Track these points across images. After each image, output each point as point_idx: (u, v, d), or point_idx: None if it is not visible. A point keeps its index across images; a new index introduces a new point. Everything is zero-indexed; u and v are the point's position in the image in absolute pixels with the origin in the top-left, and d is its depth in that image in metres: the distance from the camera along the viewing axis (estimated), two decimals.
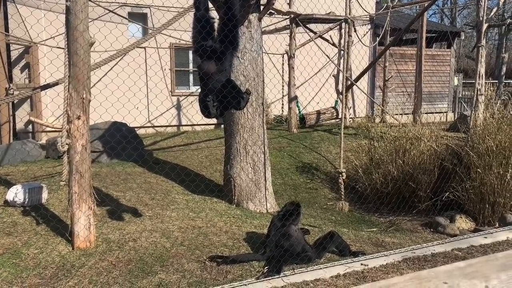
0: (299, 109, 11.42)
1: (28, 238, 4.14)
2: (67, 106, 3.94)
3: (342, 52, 10.92)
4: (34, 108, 9.96)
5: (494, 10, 8.76)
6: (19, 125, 9.96)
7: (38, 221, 4.52)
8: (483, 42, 7.65)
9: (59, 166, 6.79)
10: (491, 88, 7.21)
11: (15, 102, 9.65)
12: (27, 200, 4.83)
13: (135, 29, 11.11)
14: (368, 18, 13.54)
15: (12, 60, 9.79)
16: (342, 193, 6.70)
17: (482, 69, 7.53)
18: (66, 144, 3.95)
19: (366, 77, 13.10)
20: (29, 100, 9.92)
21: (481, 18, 7.44)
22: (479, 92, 7.33)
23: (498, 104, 6.59)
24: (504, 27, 24.36)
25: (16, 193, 4.80)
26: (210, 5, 4.38)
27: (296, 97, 10.72)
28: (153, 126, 11.24)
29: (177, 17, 5.23)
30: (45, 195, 5.03)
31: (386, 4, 12.77)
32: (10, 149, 7.70)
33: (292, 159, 8.52)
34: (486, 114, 6.76)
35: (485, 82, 7.59)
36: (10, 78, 9.50)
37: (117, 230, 4.42)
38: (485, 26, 7.45)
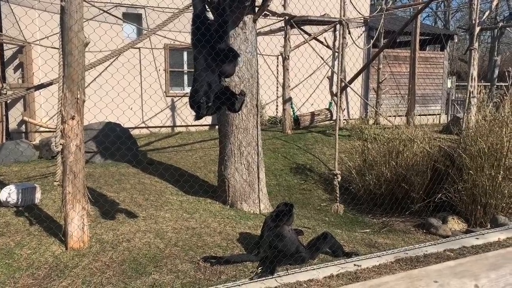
0: (293, 111, 11.45)
1: (21, 239, 4.12)
2: (61, 106, 3.93)
3: (336, 54, 10.98)
4: (28, 108, 9.91)
5: (487, 13, 8.86)
6: (12, 125, 9.91)
7: (32, 221, 4.50)
8: (476, 45, 7.74)
9: (52, 167, 6.77)
10: (484, 91, 7.28)
11: (8, 102, 9.60)
12: (20, 200, 4.81)
13: (130, 30, 11.10)
14: (362, 21, 13.62)
15: (5, 59, 9.74)
16: (338, 195, 6.67)
17: (474, 71, 7.61)
18: (60, 144, 3.94)
19: (360, 79, 13.17)
20: (22, 100, 9.87)
21: (473, 21, 7.53)
22: (471, 95, 7.41)
23: (490, 106, 6.65)
24: (496, 30, 24.61)
25: (9, 193, 4.78)
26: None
27: (290, 99, 10.76)
28: (147, 127, 11.23)
29: (172, 18, 5.23)
30: (38, 195, 5.02)
31: (380, 7, 12.85)
32: (3, 149, 7.66)
33: (286, 160, 8.54)
34: (478, 116, 6.81)
35: (478, 85, 7.67)
36: (3, 78, 9.45)
37: (110, 231, 4.42)
38: (477, 29, 7.54)
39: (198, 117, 3.90)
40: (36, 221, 4.50)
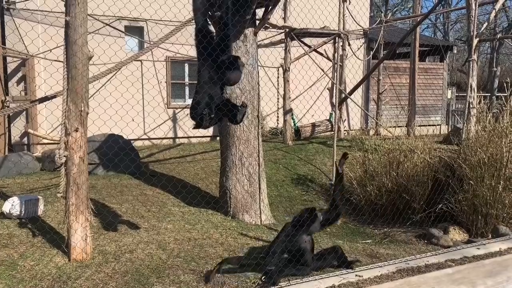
0: (294, 122, 11.51)
1: (24, 250, 4.15)
2: (65, 119, 3.99)
3: (336, 65, 11.08)
4: (31, 120, 9.98)
5: (485, 25, 8.95)
6: (15, 138, 9.97)
7: (35, 233, 4.53)
8: (474, 56, 7.82)
9: (55, 178, 6.81)
10: (483, 101, 7.33)
11: (10, 114, 9.67)
12: (23, 212, 4.84)
13: (133, 44, 11.23)
14: (362, 32, 13.75)
15: (8, 72, 9.84)
16: None
17: (473, 82, 7.68)
18: (64, 156, 3.99)
19: (360, 90, 13.25)
20: (25, 112, 9.95)
21: (471, 33, 7.61)
22: (471, 105, 7.46)
23: (489, 117, 6.70)
24: (495, 41, 24.75)
25: (12, 205, 4.81)
26: None
27: (291, 110, 10.83)
28: (150, 138, 11.28)
29: (174, 31, 5.32)
30: (41, 207, 5.05)
31: (379, 19, 12.99)
32: (7, 161, 7.71)
33: (287, 171, 8.57)
34: (477, 127, 6.85)
35: (477, 95, 7.73)
36: (6, 91, 9.54)
37: (113, 242, 4.45)
38: (475, 41, 7.62)
39: (197, 126, 3.95)
40: (39, 232, 4.53)
